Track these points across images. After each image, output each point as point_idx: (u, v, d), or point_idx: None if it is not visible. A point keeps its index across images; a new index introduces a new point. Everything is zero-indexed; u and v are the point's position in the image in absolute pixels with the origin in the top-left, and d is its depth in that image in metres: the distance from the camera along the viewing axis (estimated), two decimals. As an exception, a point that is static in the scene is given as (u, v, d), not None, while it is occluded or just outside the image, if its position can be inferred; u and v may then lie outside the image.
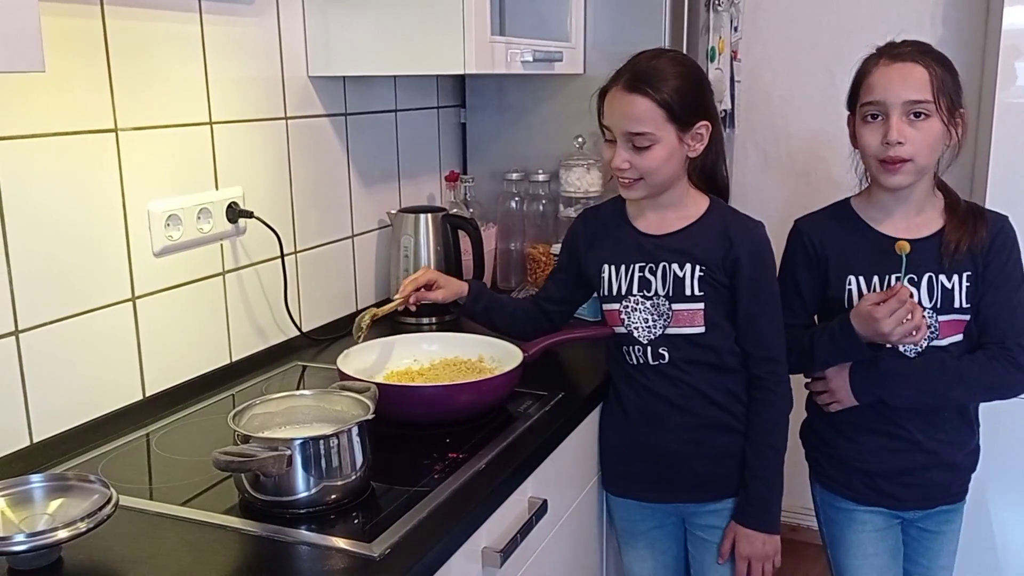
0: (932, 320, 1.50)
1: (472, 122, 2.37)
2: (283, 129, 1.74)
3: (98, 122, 1.35)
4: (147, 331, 1.45)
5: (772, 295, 1.52)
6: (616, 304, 1.54)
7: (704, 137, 1.47)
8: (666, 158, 1.45)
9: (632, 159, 1.45)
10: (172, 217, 1.47)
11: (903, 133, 1.43)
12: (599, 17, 2.15)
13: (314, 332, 1.84)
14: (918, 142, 1.44)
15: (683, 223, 1.52)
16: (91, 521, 1.00)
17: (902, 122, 1.44)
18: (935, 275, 1.49)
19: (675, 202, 1.52)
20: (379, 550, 1.04)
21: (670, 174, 1.48)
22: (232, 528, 1.11)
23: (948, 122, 1.44)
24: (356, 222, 1.99)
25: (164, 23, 1.45)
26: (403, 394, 1.39)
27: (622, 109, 1.44)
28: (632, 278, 1.52)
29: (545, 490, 1.39)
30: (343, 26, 1.74)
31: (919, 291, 1.49)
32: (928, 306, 1.49)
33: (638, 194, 1.50)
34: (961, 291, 1.49)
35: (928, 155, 1.46)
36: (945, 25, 2.54)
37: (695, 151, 1.47)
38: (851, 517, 1.63)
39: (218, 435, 1.35)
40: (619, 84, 1.45)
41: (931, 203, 1.54)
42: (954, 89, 1.46)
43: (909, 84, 1.43)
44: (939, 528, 1.64)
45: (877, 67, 1.48)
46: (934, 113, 1.43)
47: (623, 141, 1.45)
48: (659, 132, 1.43)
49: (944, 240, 1.50)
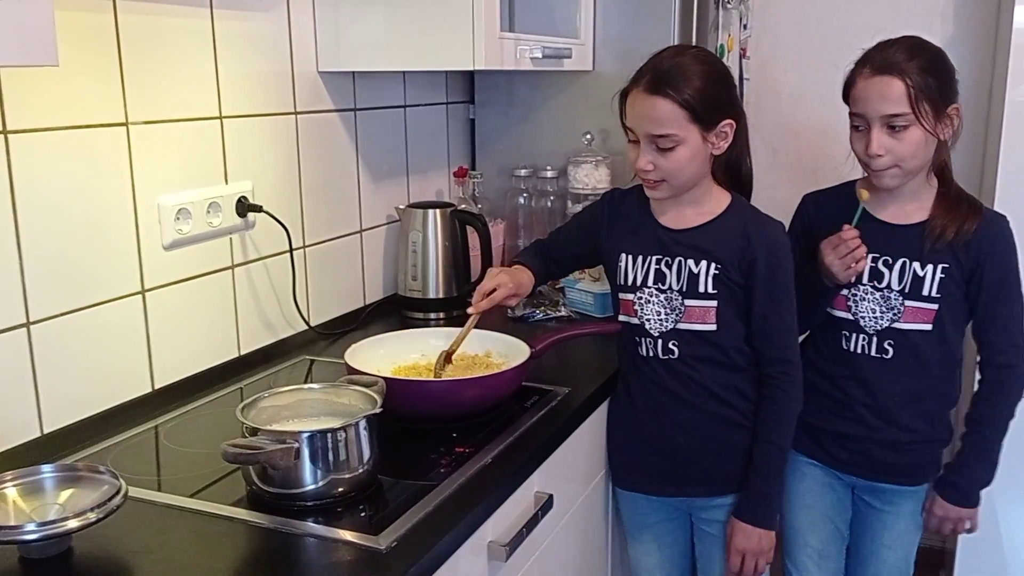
0: (897, 303, 1.56)
1: (481, 118, 2.37)
2: (292, 124, 1.74)
3: (109, 116, 1.35)
4: (156, 324, 1.46)
5: (787, 296, 1.50)
6: (631, 294, 1.54)
7: (728, 135, 1.46)
8: (690, 158, 1.43)
9: (656, 160, 1.44)
10: (182, 211, 1.48)
11: (883, 145, 1.49)
12: (608, 14, 2.15)
13: (322, 326, 1.85)
14: (899, 151, 1.50)
15: (702, 219, 1.51)
16: (101, 511, 1.01)
17: (881, 133, 1.50)
18: (909, 261, 1.56)
19: (697, 199, 1.51)
20: (385, 543, 1.04)
21: (694, 173, 1.46)
22: (240, 520, 1.12)
23: (933, 126, 1.48)
24: (364, 217, 2.00)
25: (175, 18, 1.45)
26: (410, 388, 1.40)
27: (644, 111, 1.43)
28: (648, 270, 1.52)
29: (551, 484, 1.40)
30: (353, 22, 1.74)
31: (891, 273, 1.56)
32: (896, 288, 1.56)
33: (663, 194, 1.50)
34: (934, 281, 1.54)
35: (912, 159, 1.51)
36: (956, 23, 2.53)
37: (719, 149, 1.46)
38: (795, 466, 1.69)
39: (226, 428, 1.36)
40: (640, 85, 1.43)
41: (927, 192, 1.58)
42: (940, 90, 1.48)
43: (886, 99, 1.48)
44: (883, 506, 1.68)
45: (859, 78, 1.53)
46: (913, 123, 1.48)
47: (646, 143, 1.44)
48: (682, 133, 1.41)
49: (928, 226, 1.54)
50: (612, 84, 1.55)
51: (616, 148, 2.18)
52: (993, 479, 1.63)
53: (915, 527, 1.70)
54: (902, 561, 1.71)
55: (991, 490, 2.22)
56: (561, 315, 1.99)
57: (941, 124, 1.50)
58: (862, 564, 1.74)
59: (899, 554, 1.70)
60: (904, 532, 1.69)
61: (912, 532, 1.70)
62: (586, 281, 2.01)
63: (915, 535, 1.71)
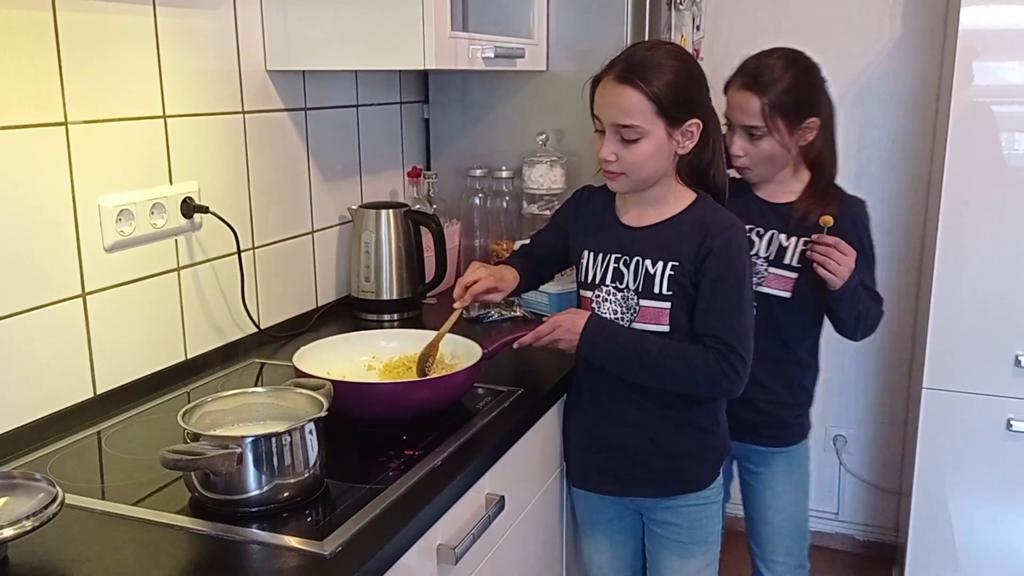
0: (762, 268, 1.76)
1: (435, 118, 2.36)
2: (240, 123, 1.72)
3: (47, 116, 1.32)
4: (98, 328, 1.43)
5: (737, 282, 1.45)
6: (590, 292, 1.54)
7: (694, 135, 1.44)
8: (653, 153, 1.43)
9: (619, 151, 1.43)
10: (124, 212, 1.44)
11: (742, 147, 1.71)
12: (562, 14, 2.15)
13: (273, 329, 1.83)
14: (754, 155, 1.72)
15: (661, 218, 1.50)
16: (36, 520, 0.98)
17: (743, 140, 1.71)
18: (777, 233, 1.75)
19: (658, 199, 1.50)
20: (330, 548, 1.03)
21: (655, 170, 1.45)
22: (181, 527, 1.09)
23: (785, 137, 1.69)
24: (316, 218, 1.98)
25: (116, 15, 1.42)
26: (359, 391, 1.38)
27: (612, 100, 1.42)
28: (608, 268, 1.52)
29: (503, 486, 1.39)
30: (302, 20, 1.72)
31: (760, 242, 1.76)
32: (763, 256, 1.76)
33: (622, 187, 1.49)
34: (795, 253, 1.74)
35: (764, 166, 1.73)
36: (905, 25, 2.57)
37: (684, 148, 1.45)
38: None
39: (172, 433, 1.32)
40: (611, 74, 1.42)
41: (799, 180, 1.77)
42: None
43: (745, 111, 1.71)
44: (758, 468, 1.88)
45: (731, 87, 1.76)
46: (766, 134, 1.69)
47: (611, 132, 1.43)
48: (647, 126, 1.40)
49: (794, 206, 1.74)
50: (566, 84, 1.55)
51: (571, 148, 2.18)
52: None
53: (792, 487, 1.85)
54: (789, 521, 1.86)
55: (943, 483, 2.27)
56: (516, 316, 1.99)
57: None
58: (756, 532, 1.88)
59: (784, 515, 1.85)
60: (782, 493, 1.84)
61: (791, 493, 1.85)
62: (541, 281, 2.01)
63: (795, 496, 1.86)
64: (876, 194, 2.69)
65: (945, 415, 2.26)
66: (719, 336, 1.43)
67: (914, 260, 2.68)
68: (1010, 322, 2.17)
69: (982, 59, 2.11)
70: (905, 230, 2.68)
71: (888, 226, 2.68)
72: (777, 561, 1.88)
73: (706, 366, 1.43)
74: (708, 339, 1.44)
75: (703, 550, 1.61)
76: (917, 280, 2.68)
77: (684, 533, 1.59)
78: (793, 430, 1.84)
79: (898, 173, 2.67)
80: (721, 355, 1.43)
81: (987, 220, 2.16)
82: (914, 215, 2.66)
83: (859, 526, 2.94)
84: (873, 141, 2.67)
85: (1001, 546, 2.28)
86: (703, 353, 1.44)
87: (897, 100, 2.62)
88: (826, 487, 2.93)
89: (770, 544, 1.88)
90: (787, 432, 1.83)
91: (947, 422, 2.26)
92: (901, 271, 2.70)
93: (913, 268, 2.69)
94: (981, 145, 2.14)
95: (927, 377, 2.26)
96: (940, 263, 2.21)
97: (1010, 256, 2.15)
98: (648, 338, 1.46)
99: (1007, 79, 2.12)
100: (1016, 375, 2.17)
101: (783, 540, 1.87)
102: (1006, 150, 2.12)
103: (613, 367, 1.49)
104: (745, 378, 1.45)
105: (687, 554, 1.60)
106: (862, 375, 2.83)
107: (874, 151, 2.67)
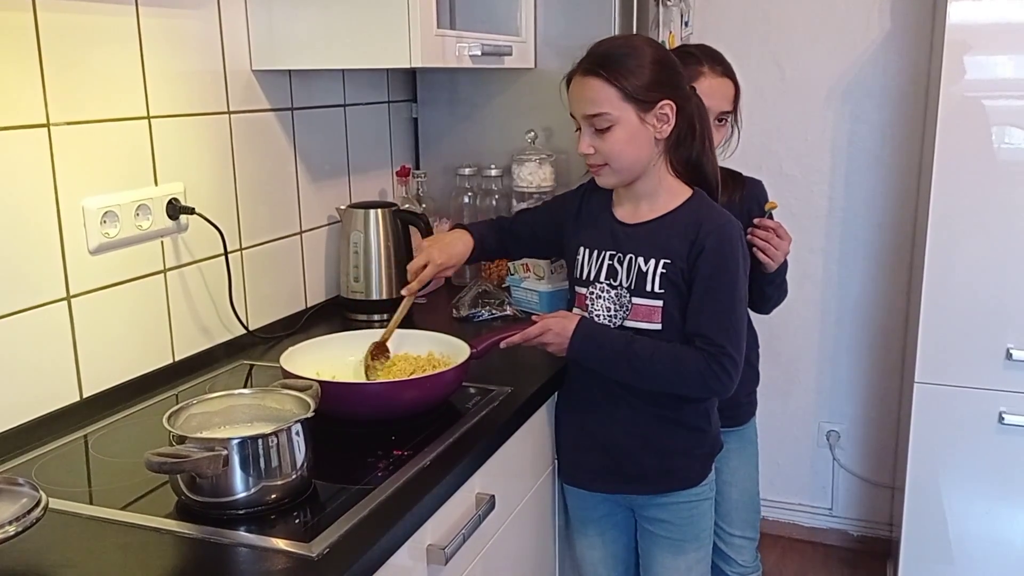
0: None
1: (424, 117, 2.35)
2: (226, 124, 1.70)
3: (29, 117, 1.31)
4: (84, 331, 1.42)
5: (731, 285, 1.44)
6: (584, 288, 1.54)
7: (670, 118, 1.43)
8: (628, 140, 1.42)
9: (595, 143, 1.44)
10: (108, 213, 1.43)
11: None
12: (549, 12, 2.14)
13: (262, 330, 1.82)
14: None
15: (654, 214, 1.49)
16: (19, 524, 0.97)
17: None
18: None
19: (649, 192, 1.50)
20: (317, 550, 1.02)
21: (636, 157, 1.44)
22: (168, 531, 1.08)
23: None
24: (304, 218, 1.97)
25: (98, 16, 1.41)
26: (347, 391, 1.37)
27: (579, 93, 1.44)
28: (602, 265, 1.51)
29: (493, 485, 1.38)
30: (287, 19, 1.71)
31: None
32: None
33: (608, 180, 1.49)
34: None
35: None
36: (893, 19, 2.57)
37: (662, 132, 1.44)
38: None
39: (159, 437, 1.31)
40: (579, 70, 1.45)
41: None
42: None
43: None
44: None
45: None
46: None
47: (585, 126, 1.45)
48: (616, 112, 1.41)
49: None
50: (554, 82, 1.54)
51: (560, 146, 2.17)
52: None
53: (744, 463, 1.93)
54: (744, 495, 1.94)
55: (936, 477, 2.27)
56: (506, 314, 1.98)
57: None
58: (716, 507, 1.85)
59: (739, 489, 1.92)
60: (737, 468, 1.91)
61: (744, 468, 1.93)
62: (531, 280, 2.00)
63: (748, 471, 1.94)
64: (866, 189, 2.70)
65: (937, 409, 2.26)
66: (710, 337, 1.43)
67: (905, 255, 2.68)
68: (1001, 315, 2.17)
69: (971, 53, 2.11)
70: (895, 225, 2.68)
71: (878, 221, 2.68)
72: (734, 535, 1.95)
73: (696, 368, 1.42)
74: (699, 340, 1.43)
75: (695, 547, 1.61)
76: (908, 274, 2.68)
77: (676, 530, 1.59)
78: (744, 409, 1.91)
79: (888, 168, 2.67)
80: (712, 357, 1.42)
81: (977, 214, 2.15)
82: (904, 210, 2.66)
83: (853, 521, 2.94)
84: (862, 136, 2.67)
85: (995, 538, 2.28)
86: (694, 355, 1.43)
87: (886, 94, 2.62)
88: (820, 483, 2.94)
89: (728, 518, 1.93)
90: (738, 412, 1.89)
91: (939, 416, 2.26)
92: (892, 265, 2.70)
93: (904, 262, 2.69)
94: (971, 139, 2.13)
95: (919, 371, 2.26)
96: (931, 257, 2.21)
97: (1001, 250, 2.15)
98: (639, 341, 1.46)
99: (996, 73, 2.12)
100: (1007, 368, 2.17)
101: (739, 513, 1.95)
102: (996, 144, 2.12)
103: (603, 371, 1.49)
104: (737, 379, 1.44)
105: (679, 551, 1.60)
106: (854, 371, 2.83)
107: (863, 146, 2.67)
